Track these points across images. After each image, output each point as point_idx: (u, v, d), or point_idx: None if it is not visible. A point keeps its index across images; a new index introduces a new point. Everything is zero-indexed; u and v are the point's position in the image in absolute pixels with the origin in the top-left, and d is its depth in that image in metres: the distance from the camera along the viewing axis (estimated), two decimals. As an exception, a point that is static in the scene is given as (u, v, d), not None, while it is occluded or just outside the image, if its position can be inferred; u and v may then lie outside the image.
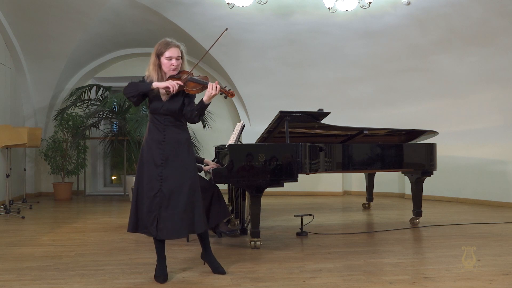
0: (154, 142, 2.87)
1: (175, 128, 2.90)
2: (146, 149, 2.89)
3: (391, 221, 5.21)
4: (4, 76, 6.97)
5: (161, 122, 2.87)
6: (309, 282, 2.87)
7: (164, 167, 2.84)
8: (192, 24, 7.05)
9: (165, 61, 2.86)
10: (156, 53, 2.88)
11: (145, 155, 2.89)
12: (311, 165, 3.96)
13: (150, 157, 2.87)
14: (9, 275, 3.04)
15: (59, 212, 6.13)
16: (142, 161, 2.90)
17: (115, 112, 7.87)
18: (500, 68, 6.39)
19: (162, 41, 2.90)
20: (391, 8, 6.43)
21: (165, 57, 2.86)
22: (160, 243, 2.94)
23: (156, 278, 2.89)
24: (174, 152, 2.87)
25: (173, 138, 2.88)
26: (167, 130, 2.87)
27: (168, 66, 2.86)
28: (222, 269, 3.03)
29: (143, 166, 2.89)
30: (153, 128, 2.90)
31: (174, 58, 2.86)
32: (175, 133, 2.89)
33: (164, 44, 2.87)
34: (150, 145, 2.88)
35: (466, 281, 2.85)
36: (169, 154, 2.85)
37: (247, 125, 7.90)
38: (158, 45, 2.89)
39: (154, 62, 2.89)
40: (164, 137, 2.86)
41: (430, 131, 5.07)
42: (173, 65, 2.87)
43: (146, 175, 2.87)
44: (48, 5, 6.49)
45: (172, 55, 2.85)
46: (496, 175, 6.46)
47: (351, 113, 7.57)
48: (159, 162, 2.85)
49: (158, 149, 2.86)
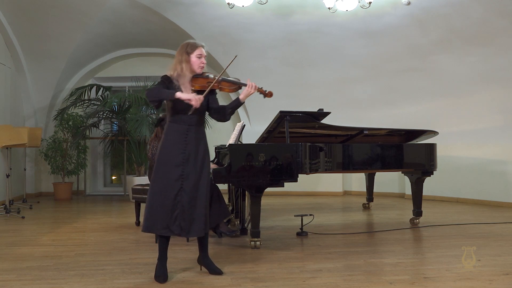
0: (176, 142, 2.90)
1: (198, 126, 2.96)
2: (166, 150, 2.90)
3: (391, 221, 5.21)
4: (4, 76, 6.97)
5: (185, 121, 2.91)
6: (309, 282, 2.87)
7: (186, 166, 2.88)
8: (192, 24, 7.05)
9: (195, 59, 2.94)
10: (185, 51, 2.93)
11: (164, 155, 2.90)
12: (311, 165, 3.96)
13: (170, 157, 2.88)
14: (9, 275, 3.04)
15: (59, 212, 6.13)
16: (160, 161, 2.90)
17: (115, 112, 7.87)
18: (500, 68, 6.39)
19: (189, 41, 2.99)
20: (391, 8, 6.43)
21: (195, 55, 2.94)
22: (165, 243, 2.95)
23: (156, 278, 2.89)
24: (195, 150, 2.91)
25: (195, 137, 2.93)
26: (190, 129, 2.92)
27: (198, 63, 2.94)
28: (219, 270, 3.03)
29: (161, 166, 2.89)
30: (175, 127, 2.92)
31: (203, 56, 2.97)
32: (197, 132, 2.95)
33: (192, 44, 2.97)
34: (171, 145, 2.90)
35: (466, 281, 2.85)
36: (190, 152, 2.90)
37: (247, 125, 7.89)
38: (186, 45, 2.96)
39: (186, 60, 2.93)
40: (187, 136, 2.90)
41: (430, 131, 5.07)
42: (203, 63, 2.97)
43: (165, 176, 2.87)
44: (48, 5, 6.49)
45: (202, 53, 2.96)
46: (496, 175, 6.46)
47: (351, 113, 7.57)
48: (180, 162, 2.87)
49: (180, 148, 2.89)
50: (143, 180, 6.91)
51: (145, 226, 2.89)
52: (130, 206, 6.22)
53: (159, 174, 2.89)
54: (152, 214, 2.86)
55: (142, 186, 4.89)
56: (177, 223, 2.84)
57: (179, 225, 2.85)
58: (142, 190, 4.85)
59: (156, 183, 2.89)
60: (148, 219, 2.87)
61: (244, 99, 2.97)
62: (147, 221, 2.87)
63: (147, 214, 2.88)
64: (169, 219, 2.84)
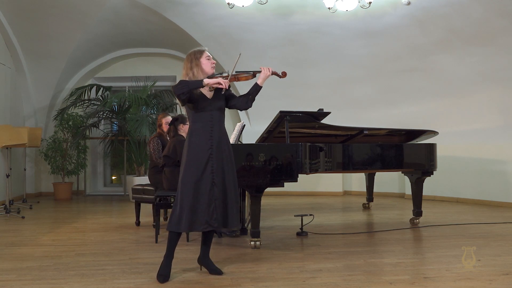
0: (202, 139, 2.95)
1: (220, 122, 3.04)
2: (194, 148, 2.94)
3: (391, 221, 5.21)
4: (4, 76, 6.98)
5: (208, 119, 2.97)
6: (309, 282, 2.87)
7: (214, 161, 2.94)
8: (192, 24, 7.05)
9: (206, 61, 3.02)
10: (194, 57, 3.01)
11: (193, 154, 2.94)
12: (311, 165, 3.96)
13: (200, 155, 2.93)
14: (9, 275, 3.04)
15: (59, 212, 6.13)
16: (190, 160, 2.93)
17: (115, 112, 7.88)
18: (500, 68, 6.39)
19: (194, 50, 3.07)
20: (391, 8, 6.43)
21: (205, 58, 3.02)
22: (176, 241, 2.96)
23: (158, 277, 2.88)
24: (221, 146, 2.99)
25: (219, 132, 3.01)
26: (214, 126, 2.99)
27: (209, 64, 3.03)
28: (219, 270, 3.04)
29: (192, 165, 2.92)
30: (200, 126, 2.97)
31: (211, 58, 3.06)
32: (221, 127, 3.03)
33: (198, 50, 3.06)
34: (199, 143, 2.94)
35: (466, 281, 2.85)
36: (216, 148, 2.96)
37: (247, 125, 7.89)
38: (192, 53, 3.05)
39: (196, 64, 2.99)
40: (212, 132, 2.97)
41: (430, 131, 5.07)
42: (214, 63, 3.06)
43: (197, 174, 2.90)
44: (48, 5, 6.49)
45: (209, 55, 3.07)
46: (496, 175, 6.46)
47: (351, 113, 7.57)
48: (208, 158, 2.93)
49: (207, 145, 2.94)
50: (143, 180, 6.91)
51: (185, 226, 2.88)
52: (130, 206, 6.22)
53: (190, 173, 2.92)
54: (190, 212, 2.87)
55: (142, 186, 4.88)
56: (215, 217, 2.90)
57: (217, 218, 2.91)
58: (142, 190, 4.85)
59: (188, 182, 2.91)
60: (185, 218, 2.87)
61: (263, 83, 3.11)
62: (186, 221, 2.87)
63: (183, 214, 2.88)
64: (208, 214, 2.89)
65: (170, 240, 2.95)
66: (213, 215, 2.89)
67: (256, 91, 3.11)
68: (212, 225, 2.89)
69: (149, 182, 4.93)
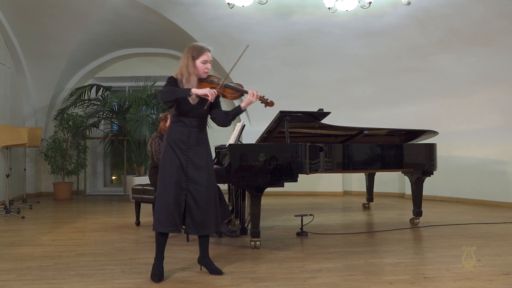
0: (178, 143, 2.92)
1: (199, 129, 2.99)
2: (169, 150, 2.93)
3: (391, 221, 5.21)
4: (4, 76, 6.97)
5: (187, 124, 2.94)
6: (309, 282, 2.87)
7: (189, 168, 2.91)
8: (192, 24, 7.05)
9: (200, 65, 2.95)
10: (191, 55, 2.94)
11: (169, 156, 2.92)
12: (311, 165, 3.96)
13: (174, 158, 2.91)
14: (9, 275, 3.04)
15: (59, 212, 6.13)
16: (165, 161, 2.92)
17: (115, 112, 7.87)
18: (500, 68, 6.39)
19: (196, 45, 2.99)
20: (391, 8, 6.43)
21: (200, 61, 2.94)
22: (163, 242, 2.96)
23: (152, 277, 2.90)
24: (196, 153, 2.95)
25: (197, 139, 2.96)
26: (192, 132, 2.95)
27: (202, 69, 2.96)
28: (219, 270, 3.04)
29: (166, 167, 2.92)
30: (178, 129, 2.95)
31: (208, 62, 2.98)
32: (199, 135, 2.98)
33: (199, 48, 2.96)
34: (174, 146, 2.92)
35: (466, 281, 2.85)
36: (192, 154, 2.93)
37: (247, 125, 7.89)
38: (192, 49, 2.96)
39: (190, 64, 2.94)
40: (189, 138, 2.94)
41: (430, 131, 5.07)
42: (208, 69, 2.98)
43: (170, 175, 2.90)
44: (48, 5, 6.49)
45: (207, 59, 2.97)
46: (496, 175, 6.46)
47: (351, 113, 7.57)
48: (183, 164, 2.91)
49: (182, 149, 2.92)
50: (143, 180, 6.91)
51: (155, 225, 2.92)
52: (130, 206, 6.22)
53: (165, 173, 2.92)
54: (161, 212, 2.89)
55: (142, 186, 4.88)
56: (186, 221, 2.90)
57: (188, 223, 2.90)
58: (142, 190, 4.85)
59: (162, 182, 2.93)
60: (157, 217, 2.91)
61: (245, 107, 3.02)
62: (157, 219, 2.91)
63: (157, 213, 2.92)
64: (177, 217, 2.88)
65: (158, 241, 2.97)
66: (184, 219, 2.91)
67: (236, 113, 3.02)
68: (178, 230, 2.91)
69: (149, 182, 4.93)
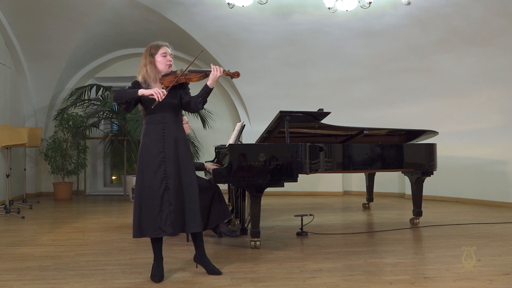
0: (153, 142, 2.87)
1: (174, 124, 2.91)
2: (145, 151, 2.88)
3: (391, 221, 5.21)
4: (4, 76, 6.97)
5: (159, 121, 2.88)
6: (309, 282, 2.87)
7: (167, 164, 2.85)
8: (192, 24, 7.04)
9: (161, 58, 2.92)
10: (149, 53, 2.93)
11: (145, 157, 2.88)
12: (311, 165, 3.96)
13: (150, 159, 2.86)
14: (9, 275, 3.04)
15: (59, 212, 6.13)
16: (142, 163, 2.88)
17: (115, 112, 7.87)
18: (500, 68, 6.39)
19: (152, 43, 2.98)
20: (391, 8, 6.43)
21: (160, 55, 2.92)
22: (158, 243, 2.94)
23: (152, 278, 2.90)
24: (174, 148, 2.89)
25: (172, 136, 2.89)
26: (166, 128, 2.88)
27: (164, 62, 2.93)
28: (217, 270, 3.02)
29: (144, 169, 2.87)
30: (151, 128, 2.89)
31: (168, 54, 2.95)
32: (174, 131, 2.91)
33: (155, 45, 2.96)
34: (149, 146, 2.88)
35: (466, 281, 2.85)
36: (170, 150, 2.87)
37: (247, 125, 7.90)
38: (149, 48, 2.96)
39: (150, 61, 2.92)
40: (164, 135, 2.87)
41: (430, 131, 5.07)
42: (170, 61, 2.95)
43: (148, 177, 2.85)
44: (48, 5, 6.49)
45: (166, 52, 2.95)
46: (496, 175, 6.46)
47: (351, 113, 7.57)
48: (161, 161, 2.85)
49: (159, 148, 2.86)
50: (143, 180, 6.89)
51: (136, 232, 2.84)
52: (130, 206, 6.22)
53: (142, 176, 2.87)
54: (142, 218, 2.84)
55: (142, 186, 4.87)
56: (169, 223, 2.82)
57: (171, 224, 2.82)
58: (142, 190, 4.84)
59: (140, 186, 2.87)
60: (138, 223, 2.84)
61: (213, 84, 2.90)
62: (139, 226, 2.84)
63: (137, 219, 2.84)
64: (160, 220, 2.82)
65: (153, 244, 2.94)
66: (167, 221, 2.81)
67: (206, 93, 2.91)
68: (166, 231, 2.82)
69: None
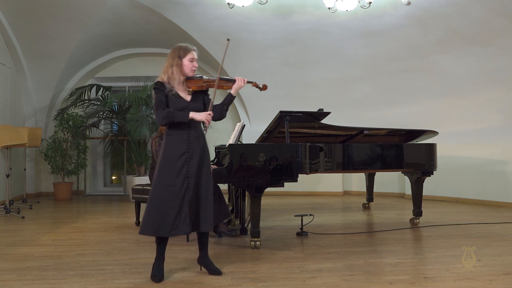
0: (178, 143, 2.92)
1: (196, 126, 3.00)
2: (169, 151, 2.91)
3: (391, 221, 5.21)
4: (4, 76, 6.97)
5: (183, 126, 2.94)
6: (309, 282, 2.87)
7: (190, 164, 2.91)
8: (192, 24, 7.04)
9: (188, 63, 2.98)
10: (177, 55, 2.97)
11: (169, 157, 2.91)
12: (311, 165, 3.96)
13: (174, 159, 2.90)
14: (9, 275, 3.04)
15: (59, 212, 6.13)
16: (164, 162, 2.90)
17: (115, 112, 7.87)
18: (500, 68, 6.39)
19: (181, 46, 3.02)
20: (391, 8, 6.43)
21: (187, 59, 2.98)
22: (163, 243, 2.95)
23: (153, 277, 2.90)
24: (197, 149, 2.96)
25: (196, 137, 2.97)
26: (191, 129, 2.95)
27: (190, 67, 2.99)
28: (218, 270, 3.04)
29: (165, 168, 2.89)
30: (177, 128, 2.94)
31: (195, 60, 3.02)
32: (197, 132, 2.99)
33: (184, 48, 3.01)
34: (174, 147, 2.92)
35: (466, 281, 2.85)
36: (193, 152, 2.94)
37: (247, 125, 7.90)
38: (178, 49, 2.99)
39: (177, 64, 2.96)
40: (189, 136, 2.95)
41: (430, 131, 5.07)
42: (195, 67, 3.03)
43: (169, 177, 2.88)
44: (48, 5, 6.49)
45: (194, 57, 3.01)
46: (496, 175, 6.46)
47: (351, 113, 7.56)
48: (184, 161, 2.90)
49: (183, 149, 2.92)
50: (143, 180, 6.91)
51: (149, 230, 2.85)
52: (130, 206, 6.22)
53: (162, 175, 2.89)
54: (159, 216, 2.84)
55: (142, 186, 4.88)
56: (187, 222, 2.87)
57: (189, 223, 2.88)
58: (142, 190, 4.85)
59: (161, 185, 2.88)
60: (153, 221, 2.84)
61: (235, 93, 3.06)
62: (153, 223, 2.84)
63: (151, 217, 2.85)
64: (179, 219, 2.86)
65: (159, 243, 2.95)
66: (186, 220, 2.86)
67: (230, 101, 3.07)
68: (184, 230, 2.87)
69: (150, 182, 4.93)
